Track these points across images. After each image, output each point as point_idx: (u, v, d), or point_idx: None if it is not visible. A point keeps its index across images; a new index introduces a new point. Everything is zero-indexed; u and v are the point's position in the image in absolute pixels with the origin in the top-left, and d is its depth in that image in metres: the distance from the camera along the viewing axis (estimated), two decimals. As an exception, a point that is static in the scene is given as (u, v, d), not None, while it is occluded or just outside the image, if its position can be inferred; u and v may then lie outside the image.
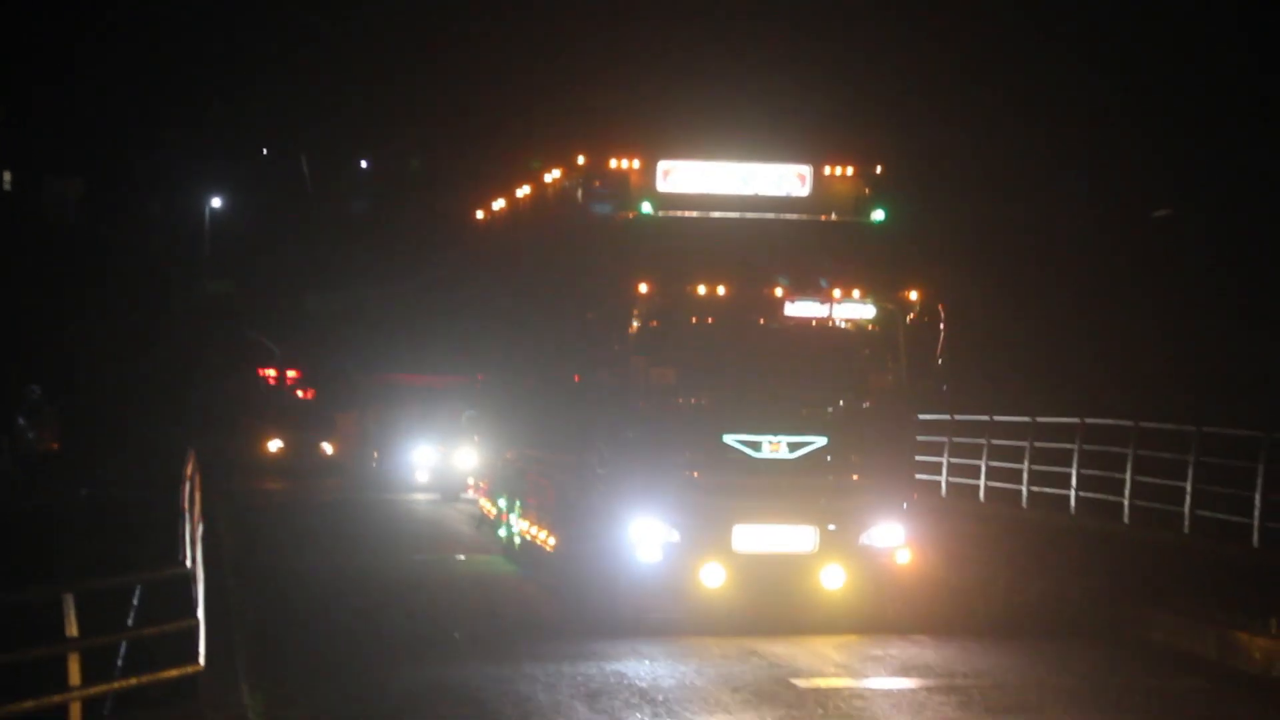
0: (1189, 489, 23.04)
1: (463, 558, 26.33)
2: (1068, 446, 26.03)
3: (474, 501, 30.12)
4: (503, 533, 25.68)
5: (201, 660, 13.93)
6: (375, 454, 41.65)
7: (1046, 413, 27.18)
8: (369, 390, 44.63)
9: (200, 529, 18.98)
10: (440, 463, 38.14)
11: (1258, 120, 39.79)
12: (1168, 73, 40.93)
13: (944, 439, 28.76)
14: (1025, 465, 26.85)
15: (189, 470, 20.20)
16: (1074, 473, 25.64)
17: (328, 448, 45.63)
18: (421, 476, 39.49)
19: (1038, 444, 26.75)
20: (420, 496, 38.68)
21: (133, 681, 13.30)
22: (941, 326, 18.96)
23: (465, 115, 55.41)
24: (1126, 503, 24.54)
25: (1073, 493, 25.86)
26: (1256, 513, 21.63)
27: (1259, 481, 21.61)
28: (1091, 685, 16.46)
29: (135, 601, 14.21)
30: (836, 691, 15.83)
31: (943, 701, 15.46)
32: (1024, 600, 20.81)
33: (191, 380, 51.37)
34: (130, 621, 13.97)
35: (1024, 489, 27.21)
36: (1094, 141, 41.28)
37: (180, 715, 13.55)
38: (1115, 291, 40.27)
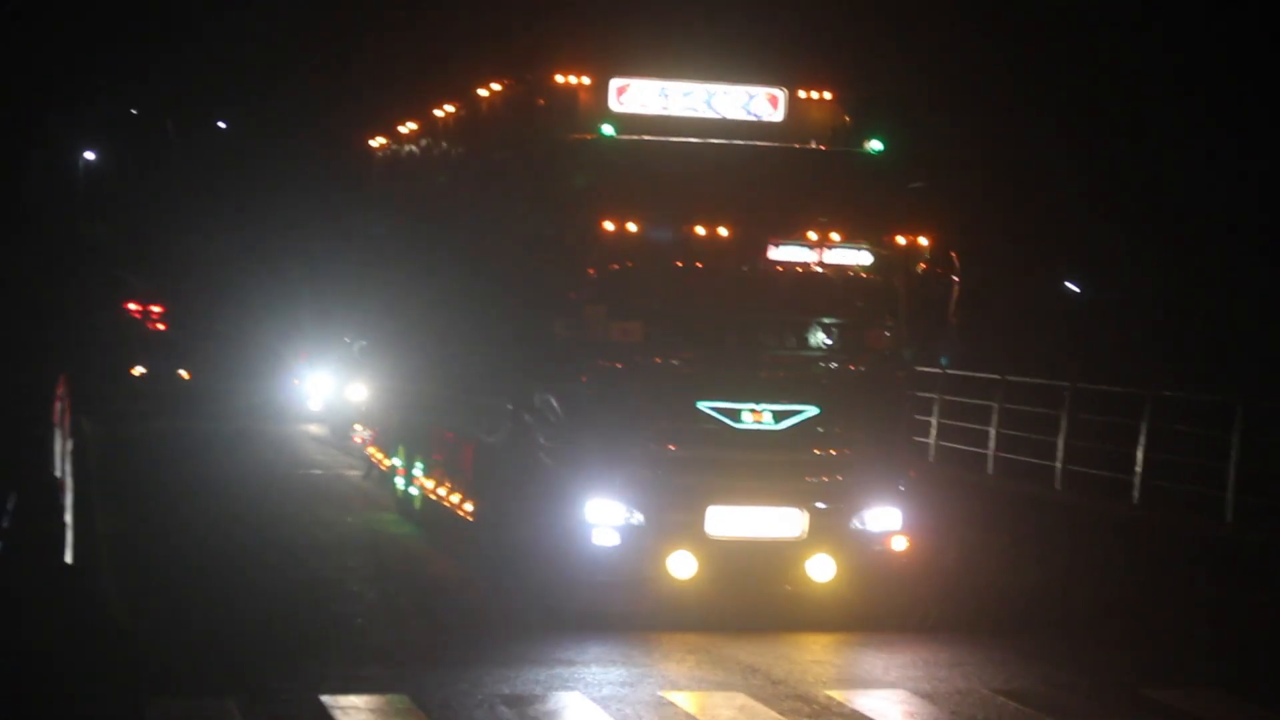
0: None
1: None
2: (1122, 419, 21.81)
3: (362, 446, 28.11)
4: (400, 487, 22.95)
5: (69, 558, 15.49)
6: (296, 381, 42.49)
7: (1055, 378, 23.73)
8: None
9: (70, 444, 20.02)
10: (335, 395, 36.37)
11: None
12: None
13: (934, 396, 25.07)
14: (1060, 439, 22.45)
15: (60, 391, 20.92)
16: (1144, 451, 20.81)
17: (184, 374, 48.85)
18: (315, 406, 38.89)
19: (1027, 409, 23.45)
20: (313, 429, 37.35)
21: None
22: (955, 279, 16.27)
23: (371, 34, 53.21)
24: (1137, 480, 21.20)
25: (1149, 474, 20.97)
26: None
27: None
28: (1108, 688, 14.24)
29: (9, 507, 15.56)
30: (834, 705, 13.33)
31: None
32: (1037, 591, 18.42)
33: (64, 312, 53.14)
34: (5, 524, 15.42)
35: (1058, 465, 22.68)
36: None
37: (48, 604, 14.23)
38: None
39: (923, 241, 16.30)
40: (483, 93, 19.49)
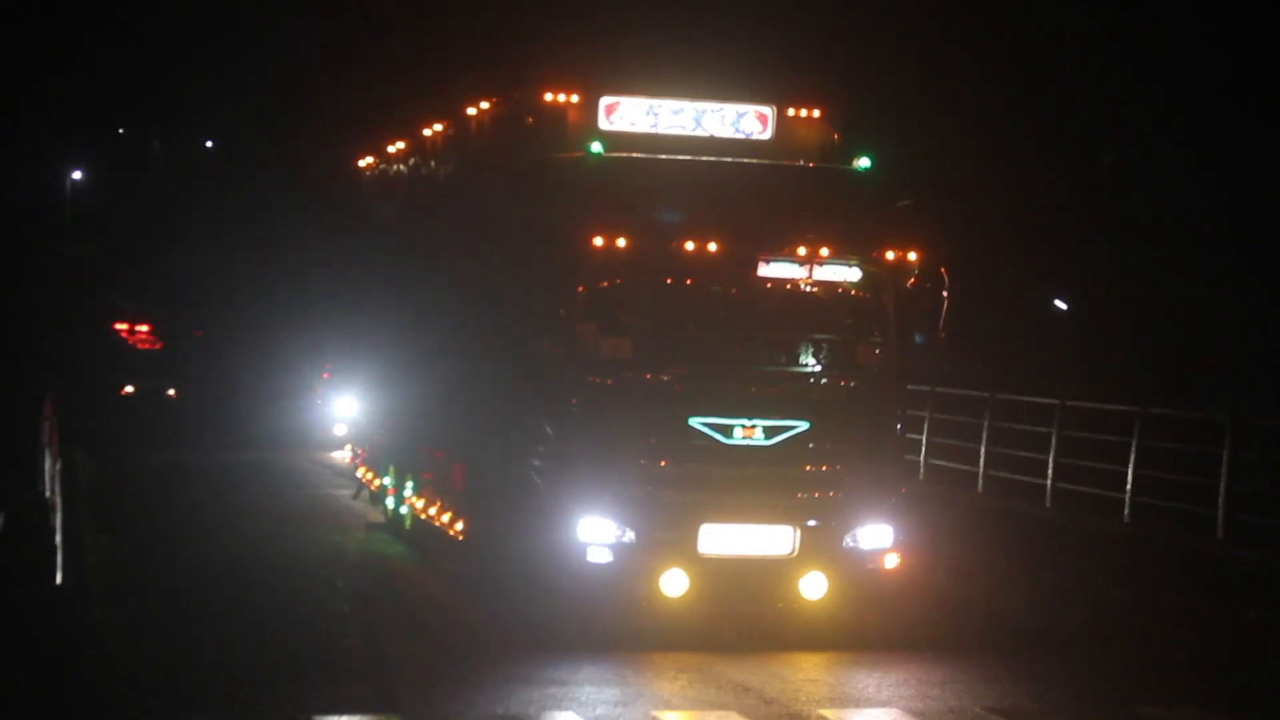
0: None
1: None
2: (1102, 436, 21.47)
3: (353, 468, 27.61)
4: (390, 506, 22.93)
5: (59, 578, 15.74)
6: (320, 402, 38.39)
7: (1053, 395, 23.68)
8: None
9: (59, 465, 19.96)
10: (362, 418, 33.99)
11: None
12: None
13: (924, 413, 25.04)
14: (1050, 457, 22.29)
15: (48, 411, 20.95)
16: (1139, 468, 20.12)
17: (172, 392, 48.74)
18: (341, 430, 33.58)
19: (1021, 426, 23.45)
20: (339, 456, 34.06)
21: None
22: (945, 294, 16.26)
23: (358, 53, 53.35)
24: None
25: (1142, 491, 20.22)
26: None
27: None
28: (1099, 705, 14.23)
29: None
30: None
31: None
32: (1028, 609, 18.38)
33: (51, 332, 52.90)
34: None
35: (1048, 482, 21.99)
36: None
37: (38, 625, 14.36)
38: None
39: (911, 257, 16.31)
40: (472, 111, 19.49)
